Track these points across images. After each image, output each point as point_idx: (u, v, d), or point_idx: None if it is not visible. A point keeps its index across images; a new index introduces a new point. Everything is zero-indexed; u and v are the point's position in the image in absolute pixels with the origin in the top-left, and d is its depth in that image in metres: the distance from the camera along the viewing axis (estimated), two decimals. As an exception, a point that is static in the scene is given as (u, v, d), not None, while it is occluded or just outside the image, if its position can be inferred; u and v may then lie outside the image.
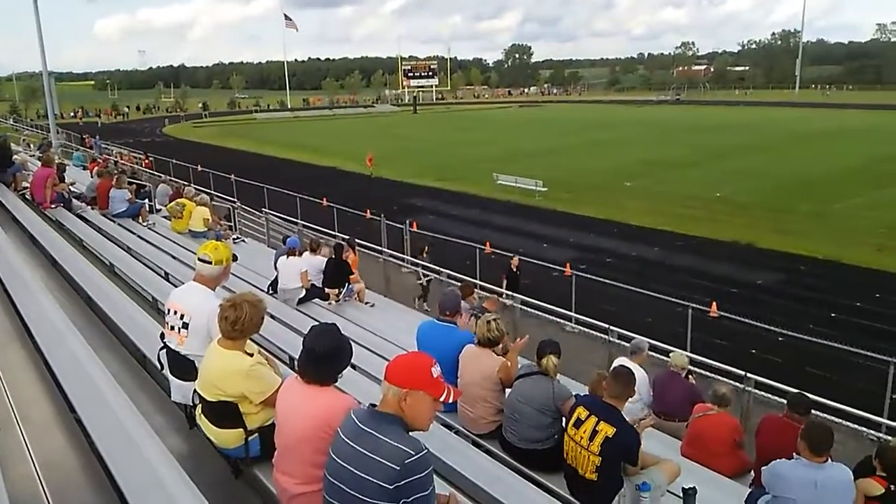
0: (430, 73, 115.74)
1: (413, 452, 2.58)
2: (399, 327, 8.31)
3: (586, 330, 12.19)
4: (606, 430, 4.05)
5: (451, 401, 2.76)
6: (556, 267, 17.00)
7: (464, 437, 5.16)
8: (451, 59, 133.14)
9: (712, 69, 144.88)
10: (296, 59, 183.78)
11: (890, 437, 6.49)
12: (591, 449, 4.06)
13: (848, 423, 7.89)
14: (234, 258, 5.74)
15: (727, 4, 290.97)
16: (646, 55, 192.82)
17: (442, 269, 13.88)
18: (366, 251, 14.81)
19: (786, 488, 4.21)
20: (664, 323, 13.09)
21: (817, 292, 16.04)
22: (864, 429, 7.85)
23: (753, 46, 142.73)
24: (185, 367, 4.04)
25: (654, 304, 13.78)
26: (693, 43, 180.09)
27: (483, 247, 17.92)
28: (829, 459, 4.35)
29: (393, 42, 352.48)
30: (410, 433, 2.69)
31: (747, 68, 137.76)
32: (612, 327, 10.70)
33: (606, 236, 22.21)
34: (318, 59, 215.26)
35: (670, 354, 7.73)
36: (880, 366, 9.55)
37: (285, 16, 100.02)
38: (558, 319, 12.93)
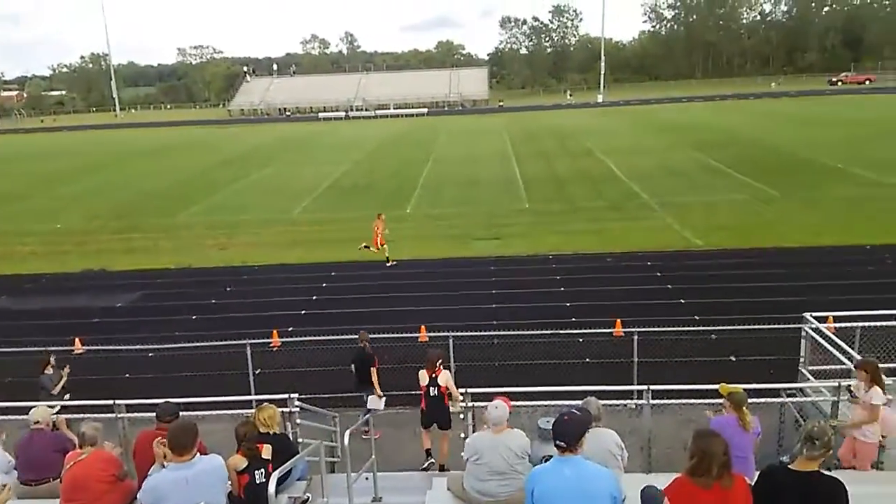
0: None
1: None
2: None
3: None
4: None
5: None
6: None
7: None
8: None
9: (25, 94, 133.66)
10: None
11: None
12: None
13: (226, 412, 8.62)
14: None
15: (31, 29, 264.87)
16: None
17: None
18: None
19: (159, 497, 4.35)
20: (21, 374, 11.67)
21: (175, 300, 16.90)
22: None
23: (66, 70, 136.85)
24: None
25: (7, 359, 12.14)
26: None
27: None
28: (198, 455, 4.66)
29: None
30: None
31: (64, 92, 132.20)
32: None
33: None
34: None
35: (31, 411, 6.86)
36: (241, 351, 10.87)
37: None
38: None
